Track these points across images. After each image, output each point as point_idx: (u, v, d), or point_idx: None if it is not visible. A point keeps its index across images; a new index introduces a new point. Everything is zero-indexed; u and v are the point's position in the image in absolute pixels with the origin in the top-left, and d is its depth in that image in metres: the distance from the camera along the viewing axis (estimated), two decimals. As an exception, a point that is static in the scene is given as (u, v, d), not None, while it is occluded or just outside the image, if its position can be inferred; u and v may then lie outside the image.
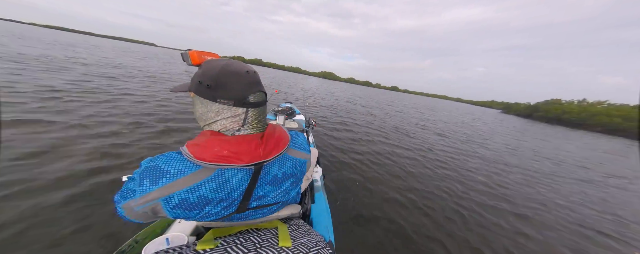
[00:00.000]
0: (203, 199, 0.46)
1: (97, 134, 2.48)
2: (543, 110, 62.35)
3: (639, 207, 3.36)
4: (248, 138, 0.49)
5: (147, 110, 3.72)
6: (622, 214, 2.94)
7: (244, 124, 0.52)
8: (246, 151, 0.47)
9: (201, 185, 0.45)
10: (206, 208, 0.47)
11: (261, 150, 0.49)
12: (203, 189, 0.45)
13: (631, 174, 5.83)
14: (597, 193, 3.71)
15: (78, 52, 11.42)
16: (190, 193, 0.44)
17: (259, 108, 0.53)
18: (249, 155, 0.47)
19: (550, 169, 4.94)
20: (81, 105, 3.33)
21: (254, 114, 0.52)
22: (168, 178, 0.44)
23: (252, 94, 0.50)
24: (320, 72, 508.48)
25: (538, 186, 3.58)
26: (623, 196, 3.80)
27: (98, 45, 23.83)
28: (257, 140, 0.50)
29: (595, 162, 6.87)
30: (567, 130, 26.07)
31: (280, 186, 0.58)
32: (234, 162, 0.45)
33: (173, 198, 0.44)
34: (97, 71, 6.73)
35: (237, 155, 0.46)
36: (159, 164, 0.45)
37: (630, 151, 12.45)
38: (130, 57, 15.46)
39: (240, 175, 0.48)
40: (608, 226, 2.53)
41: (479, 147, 6.00)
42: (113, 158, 2.05)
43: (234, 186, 0.48)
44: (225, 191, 0.48)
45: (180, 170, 0.44)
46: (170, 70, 11.96)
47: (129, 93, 4.71)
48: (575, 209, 2.87)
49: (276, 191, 0.58)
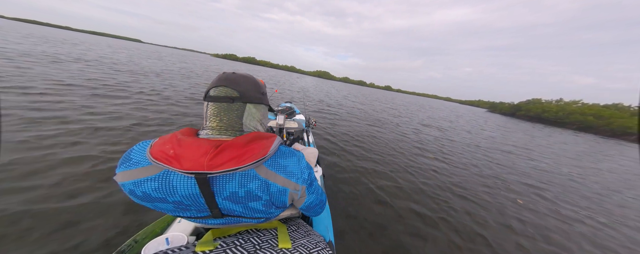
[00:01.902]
0: (147, 196, 0.45)
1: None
2: (525, 109, 66.37)
3: (525, 168, 5.04)
4: (202, 142, 0.44)
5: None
6: (509, 170, 4.59)
7: (205, 121, 0.51)
8: (189, 157, 0.42)
9: (144, 181, 0.44)
10: (157, 205, 0.46)
11: (206, 159, 0.42)
12: (145, 186, 0.44)
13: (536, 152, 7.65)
14: (503, 158, 5.41)
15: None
16: (136, 186, 0.44)
17: (218, 104, 0.50)
18: (190, 162, 0.42)
19: (484, 146, 6.65)
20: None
21: (212, 109, 0.50)
22: (127, 166, 0.44)
23: (214, 87, 0.50)
24: (315, 71, 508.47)
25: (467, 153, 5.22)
26: (520, 162, 5.51)
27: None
28: (208, 147, 0.44)
29: (520, 144, 8.64)
30: (544, 127, 28.62)
31: (246, 205, 0.49)
32: (174, 165, 0.41)
33: (125, 186, 0.44)
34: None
35: (178, 158, 0.42)
36: (133, 149, 0.46)
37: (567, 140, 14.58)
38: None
39: (184, 182, 0.45)
40: (492, 173, 4.15)
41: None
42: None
43: (180, 192, 0.45)
44: (169, 193, 0.45)
45: (137, 161, 0.44)
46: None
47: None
48: (479, 163, 4.50)
49: (245, 209, 0.50)
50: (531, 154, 6.86)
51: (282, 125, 1.84)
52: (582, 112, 54.62)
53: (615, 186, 4.67)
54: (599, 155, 9.71)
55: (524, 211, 2.71)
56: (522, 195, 3.28)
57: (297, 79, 38.11)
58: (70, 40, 22.73)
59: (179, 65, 16.47)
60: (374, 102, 17.96)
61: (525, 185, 3.77)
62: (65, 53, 10.07)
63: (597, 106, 60.86)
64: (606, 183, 4.82)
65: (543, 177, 4.43)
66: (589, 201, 3.49)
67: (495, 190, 3.26)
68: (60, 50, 10.79)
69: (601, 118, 49.18)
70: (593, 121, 49.05)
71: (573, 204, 3.26)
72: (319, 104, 9.43)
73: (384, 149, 4.32)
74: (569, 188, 4.00)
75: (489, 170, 4.27)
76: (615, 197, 3.94)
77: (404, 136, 6.02)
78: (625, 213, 3.25)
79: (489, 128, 12.56)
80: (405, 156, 4.07)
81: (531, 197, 3.24)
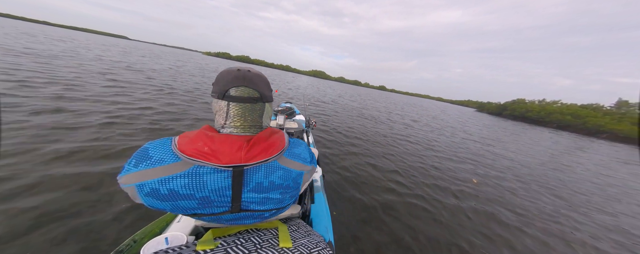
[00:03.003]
0: (173, 193, 0.45)
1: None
2: (510, 109, 69.68)
3: (488, 158, 6.30)
4: (233, 138, 0.49)
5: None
6: (471, 155, 5.82)
7: (226, 120, 0.52)
8: (227, 152, 0.46)
9: (173, 178, 0.44)
10: (179, 202, 0.46)
11: (243, 153, 0.47)
12: (174, 183, 0.44)
13: (499, 142, 9.02)
14: (474, 146, 6.65)
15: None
16: (161, 185, 0.44)
17: (242, 104, 0.52)
18: (228, 156, 0.46)
19: (460, 138, 7.90)
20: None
21: (236, 110, 0.52)
22: (148, 164, 0.44)
23: (235, 87, 0.51)
24: (311, 71, 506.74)
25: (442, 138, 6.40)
26: (484, 150, 6.78)
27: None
28: (241, 142, 0.49)
29: (494, 137, 10.09)
30: (525, 125, 30.67)
31: (267, 196, 0.53)
32: (211, 160, 0.45)
33: (145, 186, 0.44)
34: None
35: (216, 154, 0.45)
36: (148, 147, 0.46)
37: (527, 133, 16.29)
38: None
39: (216, 176, 0.47)
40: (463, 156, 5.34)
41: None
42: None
43: (209, 187, 0.47)
44: (198, 189, 0.46)
45: (160, 159, 0.44)
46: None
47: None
48: (458, 151, 5.69)
49: (264, 200, 0.54)
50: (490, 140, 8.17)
51: (282, 125, 1.87)
52: (561, 111, 58.17)
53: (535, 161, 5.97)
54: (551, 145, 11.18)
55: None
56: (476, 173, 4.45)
57: (292, 78, 38.41)
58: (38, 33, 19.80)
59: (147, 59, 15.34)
60: (367, 100, 19.13)
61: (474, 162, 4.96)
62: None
63: (575, 106, 64.79)
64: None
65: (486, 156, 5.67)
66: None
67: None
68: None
69: (578, 117, 52.60)
70: (571, 120, 52.40)
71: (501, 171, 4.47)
72: (311, 99, 10.50)
73: (371, 137, 5.42)
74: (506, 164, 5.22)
75: (458, 153, 5.46)
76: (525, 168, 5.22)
77: (391, 129, 7.15)
78: (530, 172, 4.49)
79: (469, 126, 13.92)
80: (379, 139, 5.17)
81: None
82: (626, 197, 4.15)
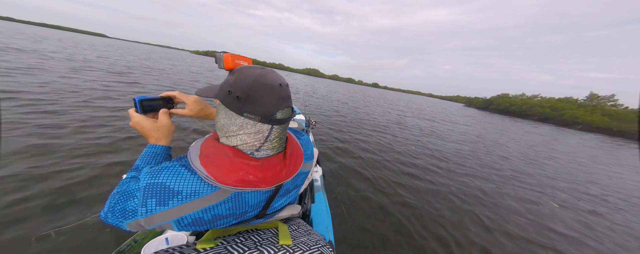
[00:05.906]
0: (217, 217, 0.45)
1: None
2: (495, 103, 72.97)
3: (458, 143, 7.53)
4: (273, 161, 0.48)
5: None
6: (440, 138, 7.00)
7: (265, 142, 0.48)
8: (272, 177, 0.46)
9: (218, 205, 0.44)
10: (218, 222, 0.47)
11: (285, 172, 0.49)
12: (218, 209, 0.44)
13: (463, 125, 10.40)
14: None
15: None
16: (205, 213, 0.43)
17: (283, 125, 0.50)
18: (273, 179, 0.47)
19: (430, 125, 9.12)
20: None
21: (278, 132, 0.49)
22: (179, 200, 0.40)
23: (281, 110, 0.47)
24: (304, 69, 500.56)
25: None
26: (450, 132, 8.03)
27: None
28: (280, 163, 0.49)
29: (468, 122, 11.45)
30: (508, 118, 32.56)
31: (289, 196, 0.60)
32: (258, 187, 0.45)
33: (185, 219, 0.42)
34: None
35: (262, 181, 0.45)
36: (166, 182, 0.41)
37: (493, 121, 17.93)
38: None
39: (257, 194, 0.48)
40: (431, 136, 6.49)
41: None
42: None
43: (251, 204, 0.48)
44: (241, 209, 0.48)
45: (193, 192, 0.41)
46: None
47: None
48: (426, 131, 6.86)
49: (285, 200, 0.60)
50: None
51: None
52: (541, 105, 61.66)
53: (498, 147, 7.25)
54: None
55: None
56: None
57: (285, 76, 37.77)
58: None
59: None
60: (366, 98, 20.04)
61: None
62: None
63: (553, 99, 68.71)
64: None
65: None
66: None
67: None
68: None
69: (556, 110, 56.03)
70: (550, 113, 55.75)
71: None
72: (308, 99, 11.55)
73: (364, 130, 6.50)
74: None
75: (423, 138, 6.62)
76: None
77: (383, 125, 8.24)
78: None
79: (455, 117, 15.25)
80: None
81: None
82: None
